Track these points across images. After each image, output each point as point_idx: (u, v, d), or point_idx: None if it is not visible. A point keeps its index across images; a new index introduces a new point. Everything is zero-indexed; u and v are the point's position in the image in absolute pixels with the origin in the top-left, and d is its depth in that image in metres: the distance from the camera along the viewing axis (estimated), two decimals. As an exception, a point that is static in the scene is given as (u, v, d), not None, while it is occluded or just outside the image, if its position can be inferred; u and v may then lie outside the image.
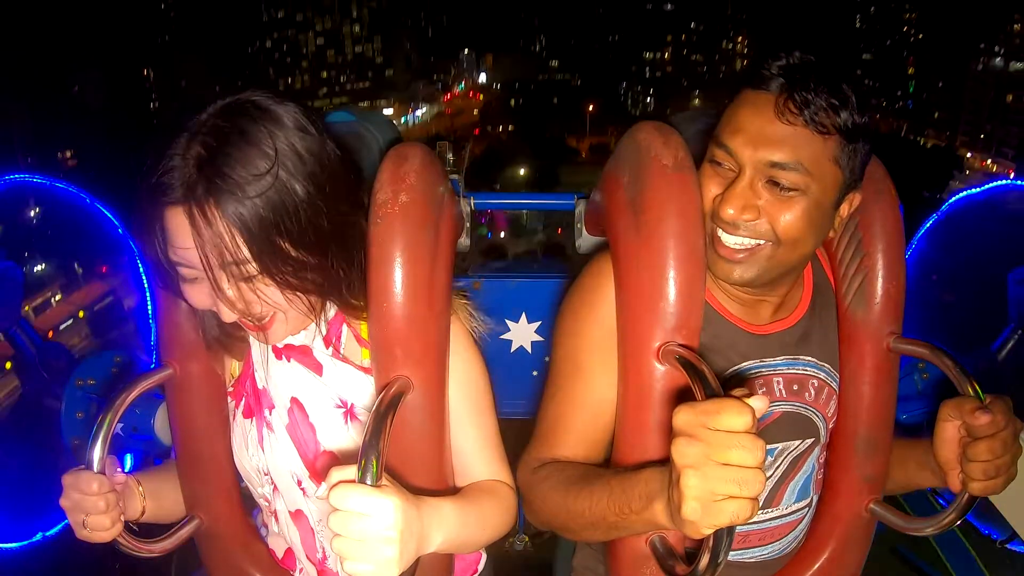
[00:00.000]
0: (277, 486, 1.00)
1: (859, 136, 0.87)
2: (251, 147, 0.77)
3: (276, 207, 0.78)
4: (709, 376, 0.71)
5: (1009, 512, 1.07)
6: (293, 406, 0.96)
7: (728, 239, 0.90)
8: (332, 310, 0.95)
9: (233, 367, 1.03)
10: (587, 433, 0.96)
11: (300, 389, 0.96)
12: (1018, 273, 1.78)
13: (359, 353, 0.95)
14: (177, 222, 0.78)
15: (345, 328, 0.96)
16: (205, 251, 0.77)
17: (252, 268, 0.80)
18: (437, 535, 0.75)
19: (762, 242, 0.89)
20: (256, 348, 0.99)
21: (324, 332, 0.94)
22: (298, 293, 0.84)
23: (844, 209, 0.93)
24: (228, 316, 0.84)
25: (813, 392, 1.01)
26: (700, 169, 0.93)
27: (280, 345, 0.95)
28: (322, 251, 0.83)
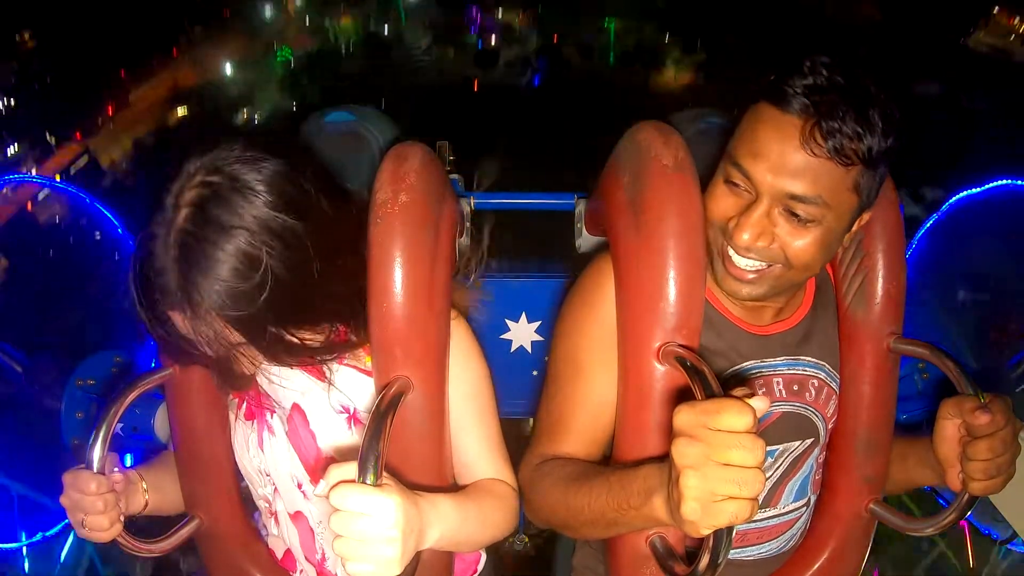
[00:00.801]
0: (278, 487, 1.00)
1: (881, 162, 0.84)
2: (232, 242, 0.75)
3: (266, 299, 0.77)
4: (709, 376, 0.71)
5: (1009, 512, 1.07)
6: (294, 412, 0.96)
7: (740, 261, 0.89)
8: None
9: None
10: (587, 432, 0.96)
11: (302, 396, 0.96)
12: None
13: (363, 357, 0.95)
14: (179, 320, 0.79)
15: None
16: (210, 345, 0.80)
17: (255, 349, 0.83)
18: (434, 530, 0.75)
19: (773, 264, 0.89)
20: None
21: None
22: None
23: (855, 226, 0.91)
24: (249, 371, 0.88)
25: (813, 392, 1.01)
26: (712, 185, 0.91)
27: None
28: (321, 319, 0.86)
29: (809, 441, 1.02)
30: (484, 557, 1.18)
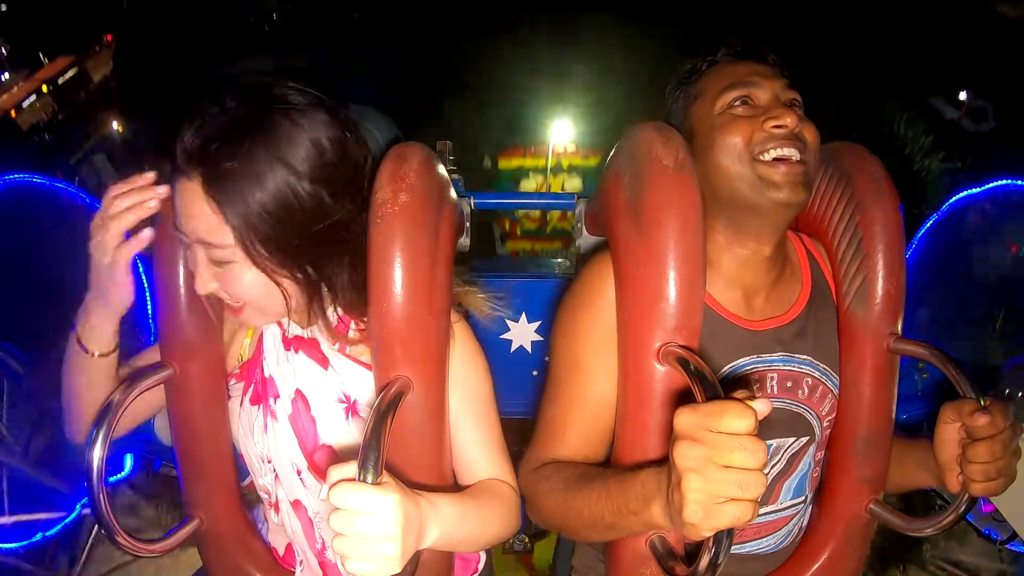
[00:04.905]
0: (278, 474, 1.00)
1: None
2: (261, 135, 0.79)
3: (276, 202, 0.80)
4: (710, 377, 0.70)
5: (1009, 513, 1.08)
6: (297, 397, 0.97)
7: (787, 150, 0.93)
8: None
9: (244, 349, 1.03)
10: (588, 432, 0.97)
11: (305, 381, 0.97)
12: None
13: (365, 351, 0.95)
14: (180, 191, 0.81)
15: (354, 324, 0.96)
16: (191, 225, 0.81)
17: (229, 254, 0.82)
18: (433, 529, 0.75)
19: (803, 155, 0.94)
20: (268, 336, 1.00)
21: (333, 325, 0.94)
22: (281, 286, 0.86)
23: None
24: (201, 288, 0.86)
25: (807, 390, 1.01)
26: (719, 121, 0.97)
27: (290, 336, 0.98)
28: (315, 249, 0.85)
29: (805, 439, 1.02)
30: (484, 557, 1.18)
